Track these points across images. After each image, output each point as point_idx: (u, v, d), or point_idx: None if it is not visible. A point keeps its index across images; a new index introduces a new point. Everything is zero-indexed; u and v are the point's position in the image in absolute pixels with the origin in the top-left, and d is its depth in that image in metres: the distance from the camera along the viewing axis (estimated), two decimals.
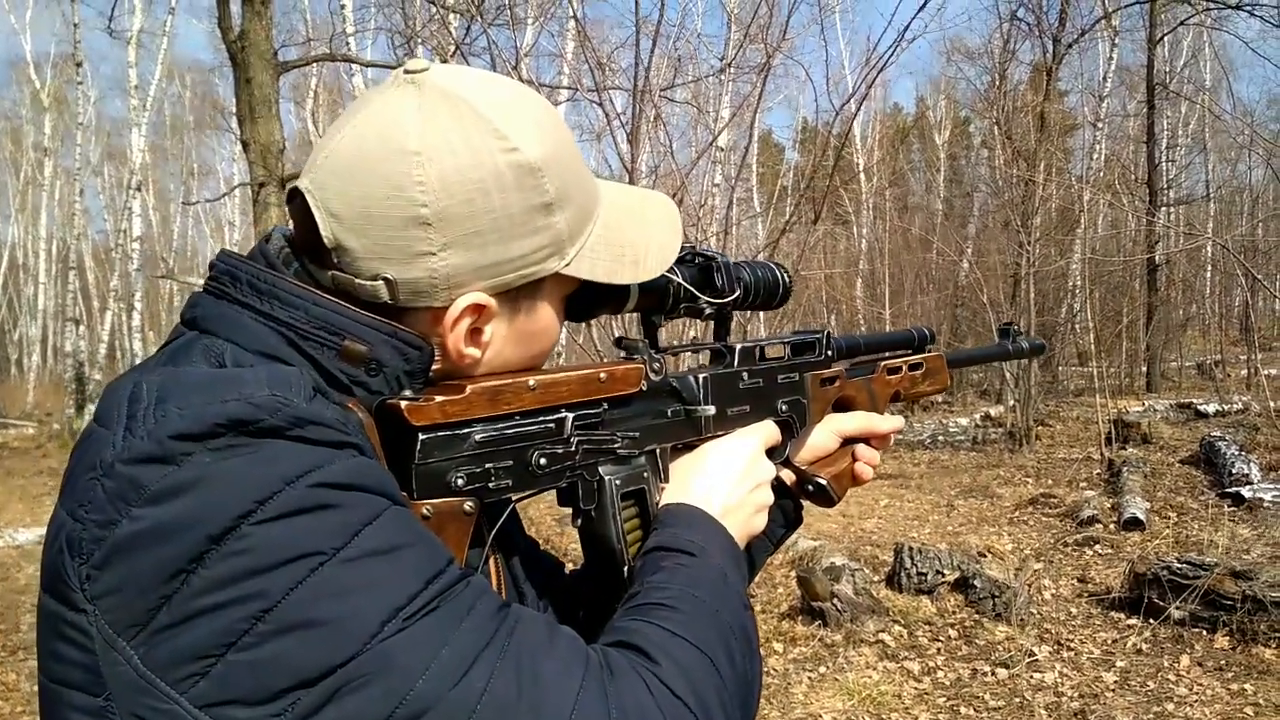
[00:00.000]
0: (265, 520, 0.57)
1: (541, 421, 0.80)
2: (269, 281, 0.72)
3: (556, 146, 0.77)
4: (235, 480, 0.58)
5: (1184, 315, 18.70)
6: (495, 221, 0.72)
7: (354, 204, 0.71)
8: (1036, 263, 11.79)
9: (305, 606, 0.57)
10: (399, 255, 0.71)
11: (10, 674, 4.90)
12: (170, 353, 0.70)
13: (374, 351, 0.72)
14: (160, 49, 18.77)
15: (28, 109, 28.20)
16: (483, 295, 0.74)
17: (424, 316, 0.75)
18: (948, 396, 16.89)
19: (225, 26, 6.26)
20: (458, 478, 0.74)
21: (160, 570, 0.56)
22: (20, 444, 15.37)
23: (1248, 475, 7.51)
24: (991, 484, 8.87)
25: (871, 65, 5.84)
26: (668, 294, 0.91)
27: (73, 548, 0.59)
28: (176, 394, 0.61)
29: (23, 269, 30.10)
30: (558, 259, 0.77)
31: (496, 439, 0.77)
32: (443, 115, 0.72)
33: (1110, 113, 19.60)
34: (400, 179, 0.70)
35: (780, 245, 6.44)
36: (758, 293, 1.00)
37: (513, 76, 5.60)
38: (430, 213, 0.70)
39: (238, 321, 0.71)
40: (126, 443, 0.59)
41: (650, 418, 0.90)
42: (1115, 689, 4.23)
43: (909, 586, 5.40)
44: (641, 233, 0.85)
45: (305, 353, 0.71)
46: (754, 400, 1.00)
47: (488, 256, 0.73)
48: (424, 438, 0.72)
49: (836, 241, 26.23)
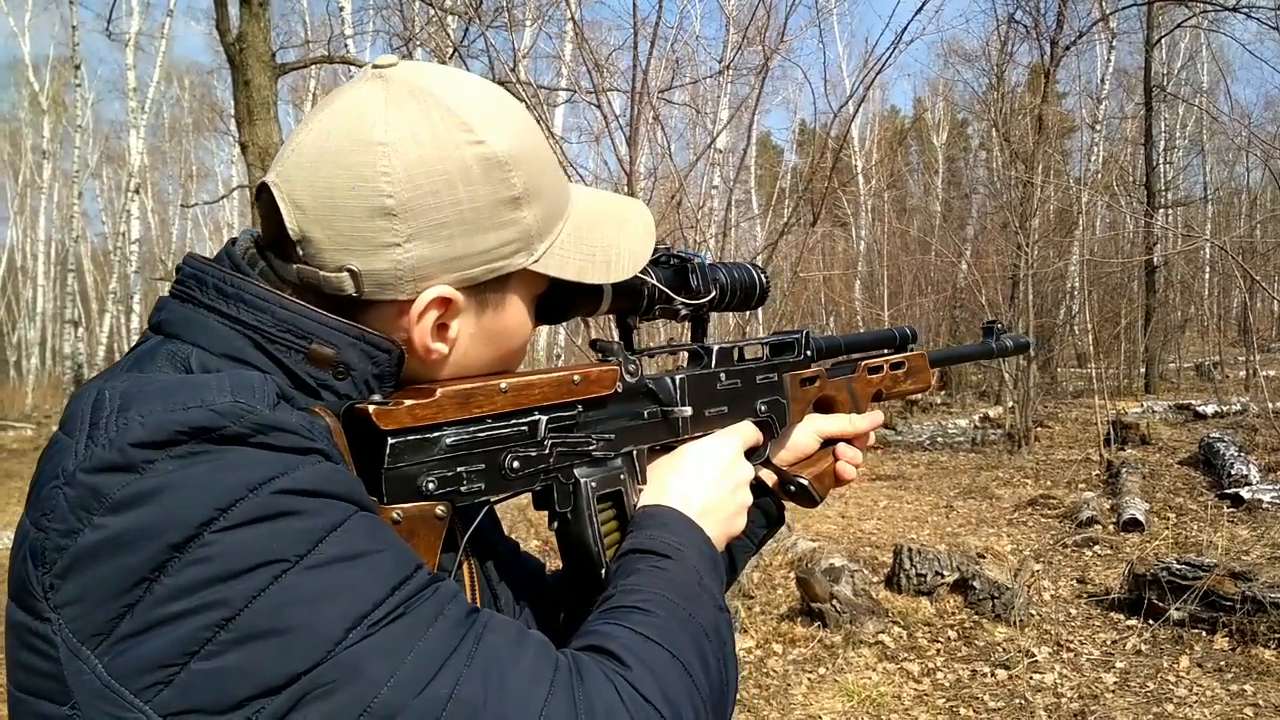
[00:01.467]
0: (228, 528, 0.57)
1: (514, 424, 0.79)
2: (235, 285, 0.71)
3: (524, 142, 0.76)
4: (197, 488, 0.57)
5: (1182, 316, 18.71)
6: (461, 214, 0.72)
7: (319, 195, 0.71)
8: (1035, 264, 11.79)
9: (268, 614, 0.56)
10: (364, 246, 0.71)
11: None
12: (135, 358, 0.70)
13: (341, 354, 0.72)
14: (159, 51, 18.81)
15: (26, 111, 28.18)
16: (449, 289, 0.74)
17: (389, 311, 0.74)
18: (946, 398, 16.90)
19: (223, 29, 6.26)
20: (428, 482, 0.73)
21: (122, 579, 0.56)
22: (19, 446, 15.35)
23: (1246, 476, 7.51)
24: (990, 485, 8.87)
25: (869, 67, 5.84)
26: (642, 295, 0.90)
27: (36, 557, 0.58)
28: (139, 401, 0.61)
29: (21, 271, 30.08)
30: (526, 254, 0.77)
31: (468, 442, 0.76)
32: (409, 108, 0.72)
33: (1108, 115, 19.62)
34: (365, 170, 0.70)
35: (779, 247, 6.44)
36: (734, 293, 0.99)
37: (511, 78, 5.61)
38: (395, 203, 0.70)
39: (204, 325, 0.70)
40: (88, 451, 0.59)
41: (626, 419, 0.89)
42: (1115, 690, 4.23)
43: (908, 588, 5.40)
44: (614, 235, 0.85)
45: (272, 356, 0.71)
46: (732, 401, 0.99)
47: (453, 249, 0.73)
48: (393, 442, 0.71)
49: (835, 243, 26.24)
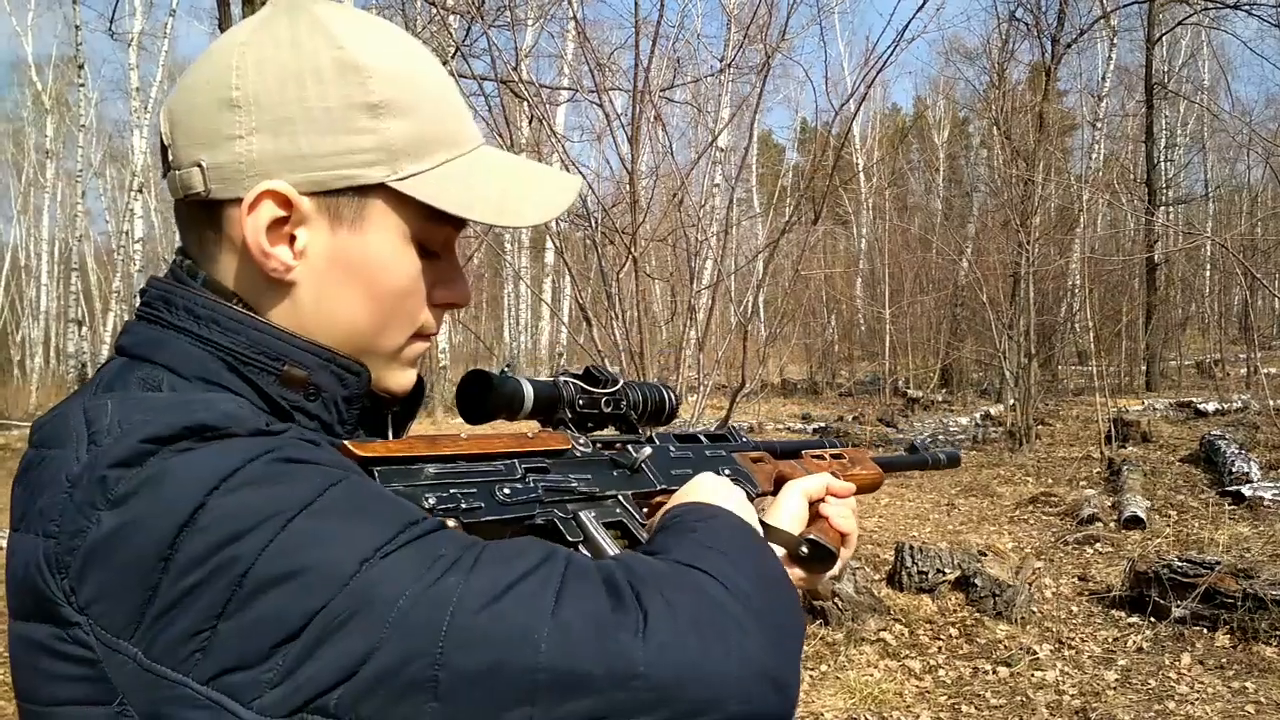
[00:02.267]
0: (230, 491, 0.58)
1: (492, 463, 0.80)
2: (208, 307, 0.71)
3: (399, 64, 0.74)
4: (197, 466, 0.59)
5: (1183, 314, 18.73)
6: (308, 111, 0.69)
7: (183, 97, 0.72)
8: (1036, 262, 11.80)
9: (279, 560, 0.56)
10: (210, 138, 0.70)
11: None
12: (105, 382, 0.70)
13: (313, 376, 0.73)
14: (161, 51, 18.81)
15: (29, 111, 28.20)
16: (285, 185, 0.70)
17: (235, 214, 0.71)
18: (948, 396, 16.91)
19: (226, 28, 6.28)
20: (427, 498, 0.73)
21: (140, 564, 0.56)
22: (23, 445, 15.33)
23: (1248, 474, 7.53)
24: (992, 483, 8.88)
25: (870, 65, 5.85)
26: (559, 396, 0.90)
27: (52, 565, 0.59)
28: (141, 409, 0.62)
29: (25, 271, 30.10)
30: (386, 169, 0.72)
31: (452, 472, 0.76)
32: (281, 18, 0.72)
33: (1109, 112, 19.62)
34: (220, 66, 0.70)
35: (780, 245, 6.45)
36: (646, 407, 0.99)
37: (513, 78, 5.62)
38: (240, 95, 0.69)
39: (176, 347, 0.70)
40: (91, 454, 0.60)
41: (600, 470, 0.90)
42: (1116, 687, 4.24)
43: (910, 585, 5.41)
44: (520, 186, 0.80)
45: (245, 377, 0.71)
46: (693, 467, 0.99)
47: (298, 146, 0.70)
48: (379, 470, 0.72)
49: (836, 241, 26.26)
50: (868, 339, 21.85)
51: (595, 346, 5.42)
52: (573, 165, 5.51)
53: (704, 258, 6.54)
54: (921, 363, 18.78)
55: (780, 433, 13.62)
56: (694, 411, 5.78)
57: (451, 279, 0.81)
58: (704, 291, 5.77)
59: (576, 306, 6.17)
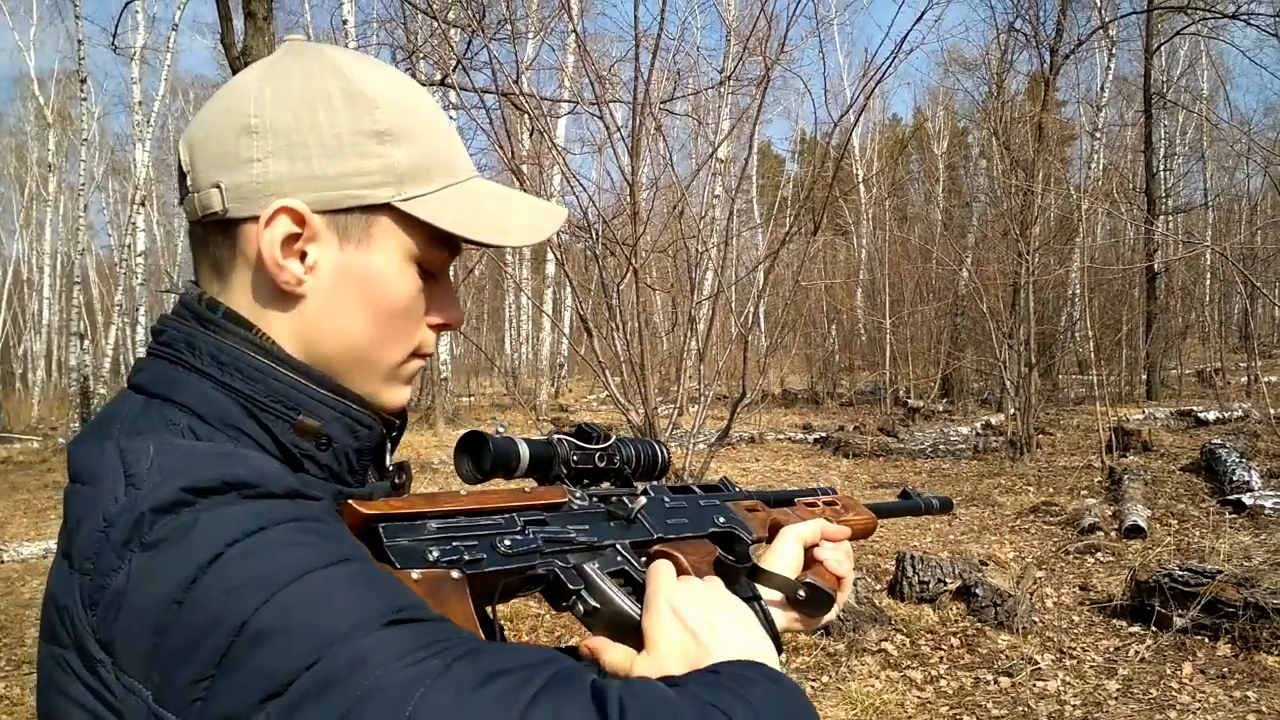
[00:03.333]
0: (249, 547, 0.60)
1: (491, 517, 0.82)
2: (232, 355, 0.75)
3: (402, 97, 0.80)
4: (227, 520, 0.61)
5: (1183, 323, 18.72)
6: (320, 136, 0.75)
7: (202, 126, 0.77)
8: (1036, 272, 11.81)
9: (275, 616, 0.58)
10: (229, 161, 0.75)
11: (15, 688, 4.91)
12: (131, 422, 0.72)
13: (326, 427, 0.76)
14: (164, 65, 18.87)
15: (32, 125, 28.34)
16: (298, 202, 0.75)
17: (251, 231, 0.76)
18: (948, 405, 16.90)
19: (228, 43, 6.31)
20: (431, 551, 0.75)
21: (156, 606, 0.58)
22: (25, 458, 15.38)
23: (1249, 482, 7.52)
24: (993, 492, 8.88)
25: (869, 76, 5.88)
26: (553, 455, 0.92)
27: (85, 600, 0.61)
28: (181, 458, 0.65)
29: (27, 284, 30.16)
30: (391, 190, 0.77)
31: (453, 526, 0.78)
32: (295, 57, 0.79)
33: (1108, 122, 19.67)
34: (239, 98, 0.76)
35: (780, 256, 6.47)
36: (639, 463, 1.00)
37: (514, 90, 5.65)
38: (258, 122, 0.75)
39: (198, 390, 0.74)
40: (129, 496, 0.62)
41: (596, 521, 0.91)
42: (1118, 697, 4.24)
43: (911, 595, 5.41)
44: (508, 211, 0.86)
45: (262, 423, 0.74)
46: (689, 516, 1.01)
47: (311, 168, 0.75)
48: (383, 526, 0.74)
49: (836, 252, 26.28)
50: (868, 349, 21.85)
51: (596, 357, 5.44)
52: (573, 177, 5.54)
53: (704, 268, 6.57)
54: (922, 372, 18.78)
55: (781, 442, 13.63)
56: (695, 422, 5.79)
57: (446, 302, 0.85)
58: (704, 302, 5.79)
59: (577, 318, 6.19)
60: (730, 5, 18.81)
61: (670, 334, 15.39)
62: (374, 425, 0.80)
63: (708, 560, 0.95)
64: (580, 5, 12.92)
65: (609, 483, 0.98)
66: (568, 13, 6.58)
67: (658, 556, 0.92)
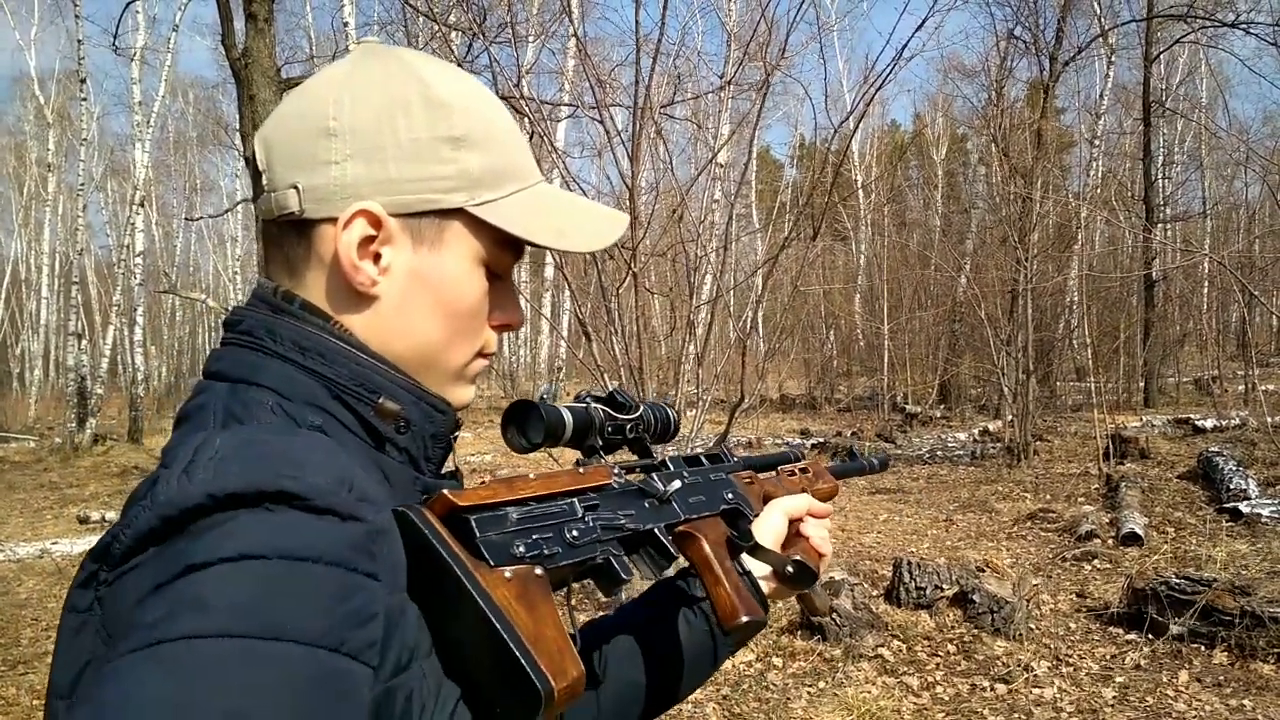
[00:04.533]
0: (234, 570, 0.57)
1: (558, 504, 0.84)
2: (313, 340, 0.76)
3: (476, 104, 0.81)
4: (241, 534, 0.59)
5: (1181, 331, 18.74)
6: (398, 140, 0.77)
7: (281, 126, 0.79)
8: (1034, 279, 11.83)
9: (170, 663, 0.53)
10: (308, 162, 0.76)
11: (10, 688, 4.90)
12: (224, 409, 0.72)
13: (406, 410, 0.78)
14: (164, 66, 18.90)
15: (31, 125, 28.34)
16: (376, 205, 0.76)
17: (328, 232, 0.77)
18: (946, 412, 16.92)
19: (229, 44, 6.32)
20: (518, 547, 0.76)
21: (144, 586, 0.58)
22: (21, 458, 15.35)
23: (1246, 490, 7.53)
24: (990, 499, 8.88)
25: (870, 83, 5.90)
26: (592, 421, 0.95)
27: (101, 554, 0.62)
28: (243, 456, 0.63)
29: (25, 284, 30.16)
30: (465, 195, 0.79)
31: (530, 516, 0.80)
32: (373, 60, 0.80)
33: (1107, 130, 19.73)
34: (319, 100, 0.77)
35: (779, 261, 6.48)
36: (655, 421, 1.05)
37: (514, 93, 5.66)
38: (337, 125, 0.76)
39: (281, 373, 0.75)
40: (179, 486, 0.61)
41: (634, 502, 0.95)
42: (1114, 704, 4.24)
43: (908, 601, 5.41)
44: (574, 217, 0.88)
45: (346, 404, 0.76)
46: (705, 492, 1.05)
47: (387, 172, 0.77)
48: (475, 518, 0.75)
49: (835, 257, 26.31)
50: (866, 354, 21.85)
51: (595, 361, 5.44)
52: (573, 181, 5.54)
53: (703, 273, 6.57)
54: (920, 378, 18.79)
55: (779, 447, 13.62)
56: (693, 426, 5.79)
57: (509, 302, 0.88)
58: (703, 307, 5.80)
59: (576, 321, 6.19)
60: (731, 10, 18.84)
61: (669, 338, 15.37)
62: (448, 411, 0.82)
63: (723, 540, 1.01)
64: (581, 9, 12.95)
65: (629, 448, 1.02)
66: (568, 16, 6.59)
67: (682, 536, 0.97)
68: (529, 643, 0.68)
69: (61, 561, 7.47)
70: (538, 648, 0.68)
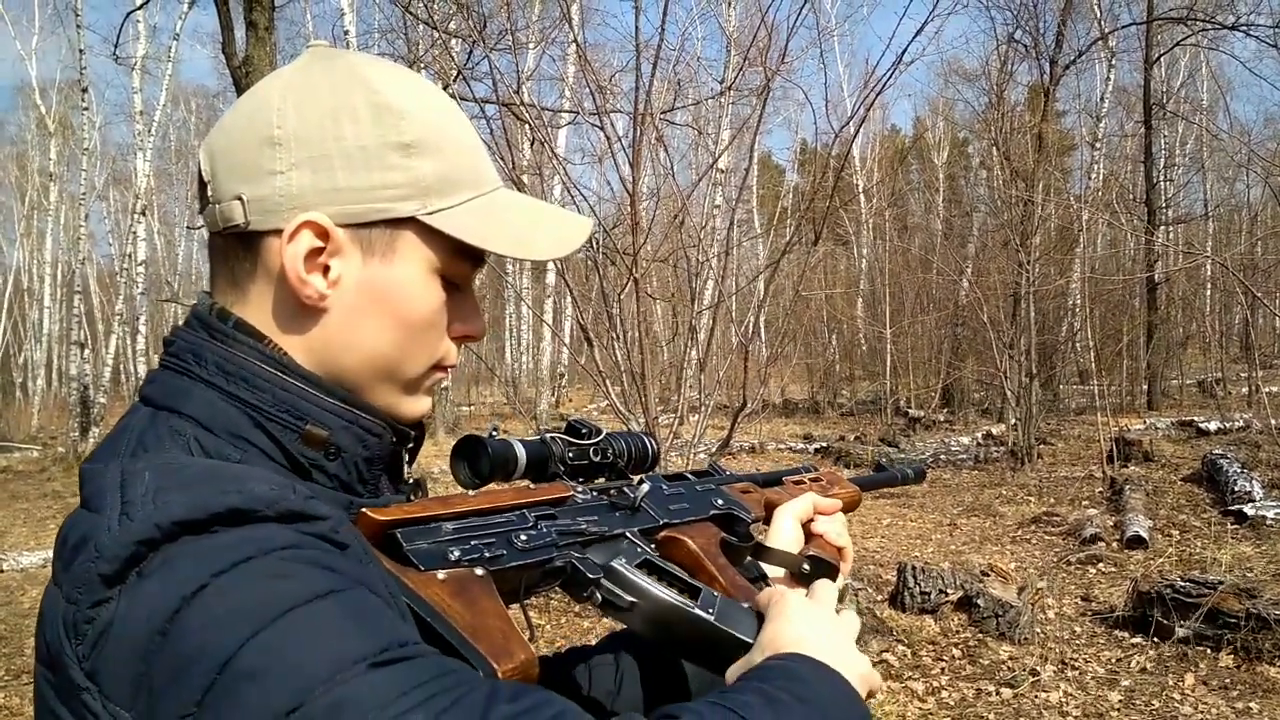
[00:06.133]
0: (231, 579, 0.58)
1: (504, 514, 0.82)
2: (237, 364, 0.74)
3: (429, 109, 0.78)
4: (216, 549, 0.59)
5: (1184, 333, 18.73)
6: (344, 149, 0.74)
7: (224, 135, 0.77)
8: (1036, 282, 11.83)
9: (258, 656, 0.56)
10: (252, 173, 0.74)
11: (14, 698, 4.90)
12: (138, 438, 0.71)
13: (334, 437, 0.75)
14: (165, 75, 18.94)
15: (33, 134, 28.40)
16: (323, 216, 0.73)
17: (274, 244, 0.74)
18: (949, 415, 16.89)
19: (229, 53, 6.33)
20: (452, 551, 0.75)
21: (142, 639, 0.57)
22: (25, 467, 15.36)
23: (1250, 493, 7.51)
24: (994, 503, 8.86)
25: (870, 87, 5.91)
26: (549, 452, 0.93)
27: (69, 630, 0.60)
28: (176, 484, 0.63)
29: (28, 293, 30.18)
30: (416, 203, 0.76)
31: (469, 526, 0.79)
32: (319, 64, 0.78)
33: (1108, 133, 19.74)
34: (263, 107, 0.75)
35: (781, 266, 6.48)
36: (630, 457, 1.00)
37: (515, 101, 5.66)
38: (282, 134, 0.73)
39: (204, 400, 0.73)
40: (123, 527, 0.60)
41: (602, 511, 0.92)
42: (1120, 708, 4.23)
43: (912, 606, 5.40)
44: (533, 225, 0.84)
45: (269, 433, 0.73)
46: (689, 500, 1.02)
47: (335, 181, 0.74)
48: (400, 531, 0.74)
49: (837, 262, 26.31)
50: (869, 359, 21.84)
51: (597, 367, 5.43)
52: (574, 187, 5.55)
53: (705, 278, 6.56)
54: (923, 382, 18.76)
55: (782, 452, 13.61)
56: (695, 432, 5.78)
57: (469, 313, 0.84)
58: (705, 312, 5.80)
59: (578, 327, 6.19)
60: (731, 16, 18.89)
61: (671, 343, 15.38)
62: (384, 433, 0.79)
63: (714, 541, 0.98)
64: (581, 16, 12.98)
65: (604, 477, 0.99)
66: (569, 23, 6.60)
67: (666, 541, 0.94)
68: (465, 632, 0.69)
69: None
70: (477, 636, 0.69)
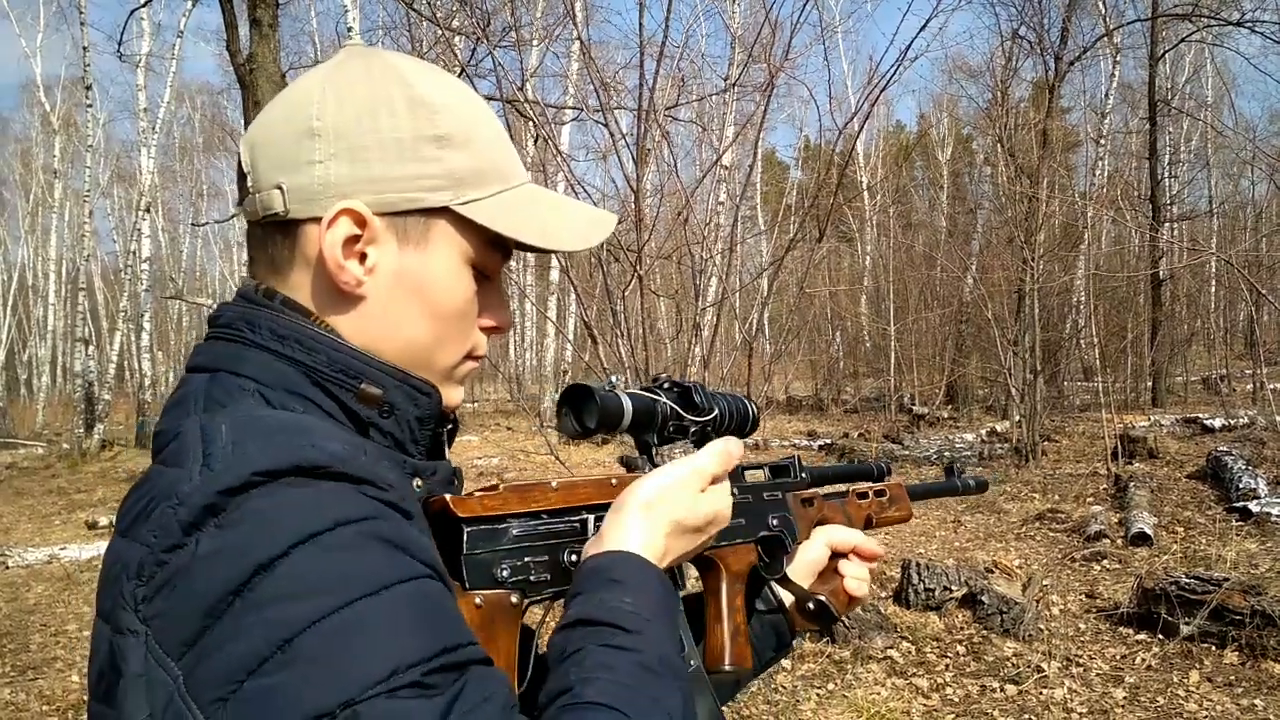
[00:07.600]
0: (314, 550, 0.59)
1: (568, 520, 0.82)
2: (290, 328, 0.76)
3: (462, 105, 0.81)
4: (293, 512, 0.60)
5: (1189, 330, 18.68)
6: (381, 140, 0.76)
7: (265, 128, 0.79)
8: (1040, 279, 11.80)
9: (321, 641, 0.57)
10: (291, 163, 0.76)
11: (20, 694, 4.91)
12: (205, 395, 0.72)
13: (388, 395, 0.77)
14: (169, 72, 18.96)
15: (38, 131, 28.50)
16: (360, 204, 0.76)
17: (312, 232, 0.77)
18: (953, 413, 16.88)
19: (234, 50, 6.34)
20: (502, 569, 0.76)
21: (212, 593, 0.58)
22: (30, 464, 15.41)
23: (1255, 490, 7.50)
24: (998, 499, 8.85)
25: (874, 84, 5.88)
26: (655, 414, 0.92)
27: (131, 570, 0.60)
28: (254, 435, 0.64)
29: (32, 290, 30.28)
30: (451, 194, 0.79)
31: (531, 534, 0.79)
32: (356, 61, 0.80)
33: (1112, 129, 19.69)
34: (303, 101, 0.77)
35: (785, 263, 6.47)
36: (732, 418, 1.00)
37: (518, 97, 5.66)
38: (321, 125, 0.76)
39: (259, 362, 0.74)
40: (204, 476, 0.62)
41: None
42: (1125, 705, 4.22)
43: (917, 603, 5.40)
44: (560, 217, 0.87)
45: (327, 391, 0.75)
46: (747, 514, 1.01)
47: (371, 171, 0.76)
48: (469, 530, 0.75)
49: (841, 259, 26.28)
50: (873, 356, 21.83)
51: (600, 364, 5.43)
52: (578, 184, 5.55)
53: (709, 275, 6.56)
54: (927, 379, 18.75)
55: (785, 449, 13.61)
56: None
57: (497, 304, 0.87)
58: (709, 309, 5.79)
59: (582, 324, 6.20)
60: (735, 13, 18.84)
61: (675, 341, 15.41)
62: (433, 393, 0.80)
63: (746, 569, 1.00)
64: (585, 13, 12.98)
65: (694, 446, 0.95)
66: (572, 20, 6.59)
67: (705, 561, 0.97)
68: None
69: (70, 567, 7.49)
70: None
